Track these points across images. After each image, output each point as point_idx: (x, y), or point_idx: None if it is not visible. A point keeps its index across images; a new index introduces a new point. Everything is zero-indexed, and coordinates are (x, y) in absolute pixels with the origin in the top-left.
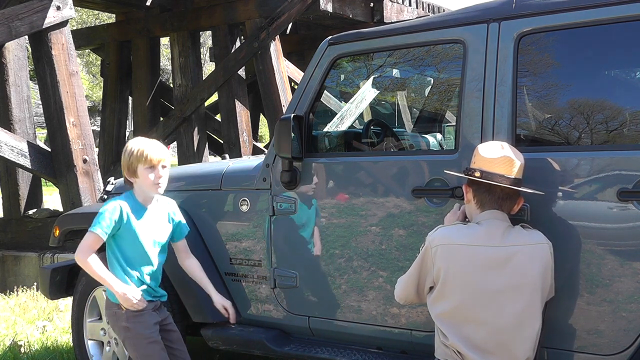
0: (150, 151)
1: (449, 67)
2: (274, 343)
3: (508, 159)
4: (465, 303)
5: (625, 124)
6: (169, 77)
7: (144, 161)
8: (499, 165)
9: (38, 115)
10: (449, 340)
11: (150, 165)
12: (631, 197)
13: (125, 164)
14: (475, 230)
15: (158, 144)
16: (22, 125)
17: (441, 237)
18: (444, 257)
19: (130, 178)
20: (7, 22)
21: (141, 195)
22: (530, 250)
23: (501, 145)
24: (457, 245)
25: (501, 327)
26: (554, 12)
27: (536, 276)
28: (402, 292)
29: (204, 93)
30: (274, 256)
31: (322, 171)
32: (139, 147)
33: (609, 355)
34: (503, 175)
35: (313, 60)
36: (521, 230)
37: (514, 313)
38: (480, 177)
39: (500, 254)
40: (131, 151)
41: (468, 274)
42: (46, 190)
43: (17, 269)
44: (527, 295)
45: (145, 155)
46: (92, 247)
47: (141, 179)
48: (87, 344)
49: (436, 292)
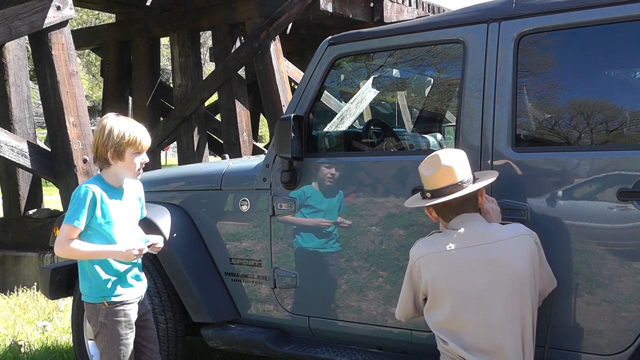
0: (142, 136)
1: (449, 67)
2: (274, 343)
3: (446, 169)
4: (457, 309)
5: (625, 124)
6: (169, 77)
7: (135, 146)
8: (441, 178)
9: (38, 115)
10: (449, 346)
11: (139, 151)
12: (631, 197)
13: (110, 145)
14: (451, 235)
15: (143, 127)
16: (22, 125)
17: (420, 250)
18: (427, 269)
19: (111, 160)
20: (7, 22)
21: (113, 178)
22: (512, 243)
23: (438, 155)
24: (436, 254)
25: (495, 326)
26: (554, 12)
27: (523, 269)
28: (402, 310)
29: (204, 93)
30: (274, 256)
31: (322, 171)
32: (131, 132)
33: (609, 355)
34: (449, 186)
35: (313, 60)
36: (499, 226)
37: (506, 309)
38: (431, 198)
39: (482, 252)
40: (121, 134)
41: (453, 280)
42: (46, 190)
43: (17, 269)
44: (516, 289)
45: (139, 141)
46: (69, 238)
47: (126, 163)
48: (87, 344)
49: (428, 303)
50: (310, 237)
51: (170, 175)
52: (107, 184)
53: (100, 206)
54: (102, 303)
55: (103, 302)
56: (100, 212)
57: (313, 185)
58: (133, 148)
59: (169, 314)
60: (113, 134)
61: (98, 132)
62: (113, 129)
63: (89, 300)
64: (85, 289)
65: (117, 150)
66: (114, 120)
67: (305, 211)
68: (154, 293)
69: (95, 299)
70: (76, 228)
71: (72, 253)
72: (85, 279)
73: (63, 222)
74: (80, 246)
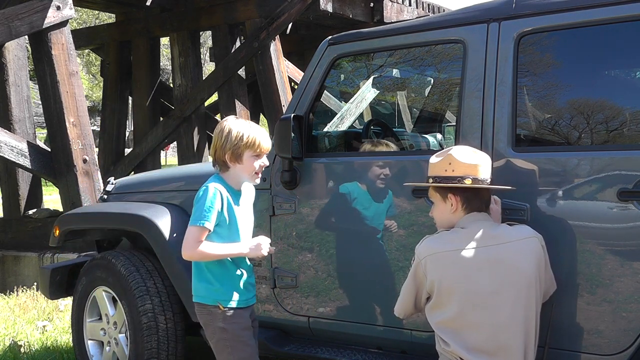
0: (262, 139)
1: (449, 67)
2: (274, 343)
3: (487, 160)
4: (463, 309)
5: (625, 124)
6: (169, 77)
7: (255, 148)
8: (482, 168)
9: (38, 115)
10: (450, 347)
11: (258, 154)
12: (631, 197)
13: (228, 147)
14: (460, 234)
15: (262, 130)
16: (22, 125)
17: (427, 248)
18: (434, 268)
19: (230, 162)
20: (7, 22)
21: (234, 181)
22: (520, 245)
23: (470, 149)
24: (444, 253)
25: (500, 327)
26: (554, 12)
27: (530, 271)
28: (401, 307)
29: (204, 93)
30: (273, 256)
31: (322, 171)
32: (250, 133)
33: (609, 355)
34: (487, 179)
35: (313, 60)
36: (507, 227)
37: (511, 311)
38: (472, 184)
39: (490, 253)
40: (240, 135)
41: (460, 280)
42: (46, 190)
43: (17, 269)
44: (523, 291)
45: (258, 143)
46: (198, 240)
47: (245, 166)
48: (87, 344)
49: (433, 302)
50: (310, 237)
51: (170, 175)
52: (229, 186)
53: (228, 208)
54: (217, 306)
55: (218, 305)
56: (227, 214)
57: (313, 185)
58: (251, 150)
59: (169, 314)
60: (231, 136)
61: (217, 134)
62: (232, 130)
63: (204, 301)
64: (200, 290)
65: (235, 152)
66: (232, 123)
67: (305, 211)
68: (153, 293)
69: (212, 301)
70: (205, 230)
71: (202, 256)
72: (202, 280)
73: (190, 224)
74: (210, 248)
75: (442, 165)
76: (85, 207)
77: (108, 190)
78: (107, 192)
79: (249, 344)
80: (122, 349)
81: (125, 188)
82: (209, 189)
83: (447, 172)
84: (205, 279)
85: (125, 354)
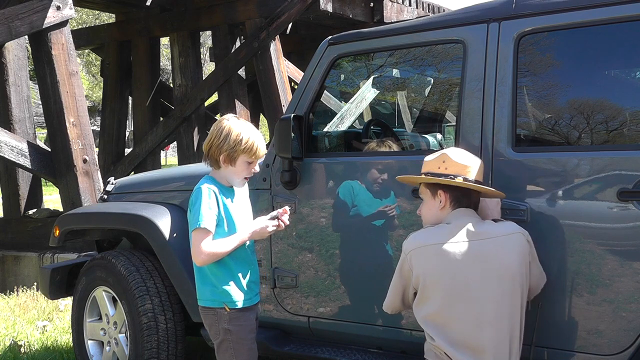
0: (259, 146)
1: (449, 67)
2: (274, 343)
3: (479, 164)
4: (447, 302)
5: (625, 124)
6: (169, 77)
7: (251, 155)
8: (473, 170)
9: (38, 115)
10: (435, 342)
11: (253, 160)
12: (631, 197)
13: (225, 148)
14: (445, 229)
15: (260, 135)
16: (22, 125)
17: (412, 242)
18: (419, 262)
19: (223, 163)
20: (7, 22)
21: (224, 180)
22: (505, 240)
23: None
24: (429, 246)
25: (485, 321)
26: (554, 12)
27: (514, 266)
28: (389, 303)
29: (204, 93)
30: (273, 256)
31: (322, 171)
32: (249, 139)
33: (609, 355)
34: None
35: (313, 60)
36: (492, 223)
37: (495, 306)
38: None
39: (474, 248)
40: (239, 139)
41: (444, 273)
42: (46, 190)
43: (17, 269)
44: (507, 287)
45: (255, 150)
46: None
47: (237, 169)
48: (87, 344)
49: (418, 296)
50: (310, 237)
51: (170, 175)
52: (219, 184)
53: (223, 207)
54: (223, 308)
55: (224, 307)
56: (224, 213)
57: (313, 185)
58: (247, 156)
59: (169, 314)
60: (230, 138)
61: (215, 132)
62: (231, 132)
63: (210, 305)
64: (205, 293)
65: (230, 155)
66: (233, 124)
67: (305, 211)
68: (153, 293)
69: (217, 303)
70: (208, 232)
71: (214, 256)
72: (206, 283)
73: (191, 230)
74: (218, 246)
75: (436, 162)
76: (85, 207)
77: (108, 190)
78: (107, 192)
79: (251, 347)
80: (122, 349)
81: (125, 188)
82: (202, 191)
83: (440, 169)
84: (210, 282)
85: (125, 354)
